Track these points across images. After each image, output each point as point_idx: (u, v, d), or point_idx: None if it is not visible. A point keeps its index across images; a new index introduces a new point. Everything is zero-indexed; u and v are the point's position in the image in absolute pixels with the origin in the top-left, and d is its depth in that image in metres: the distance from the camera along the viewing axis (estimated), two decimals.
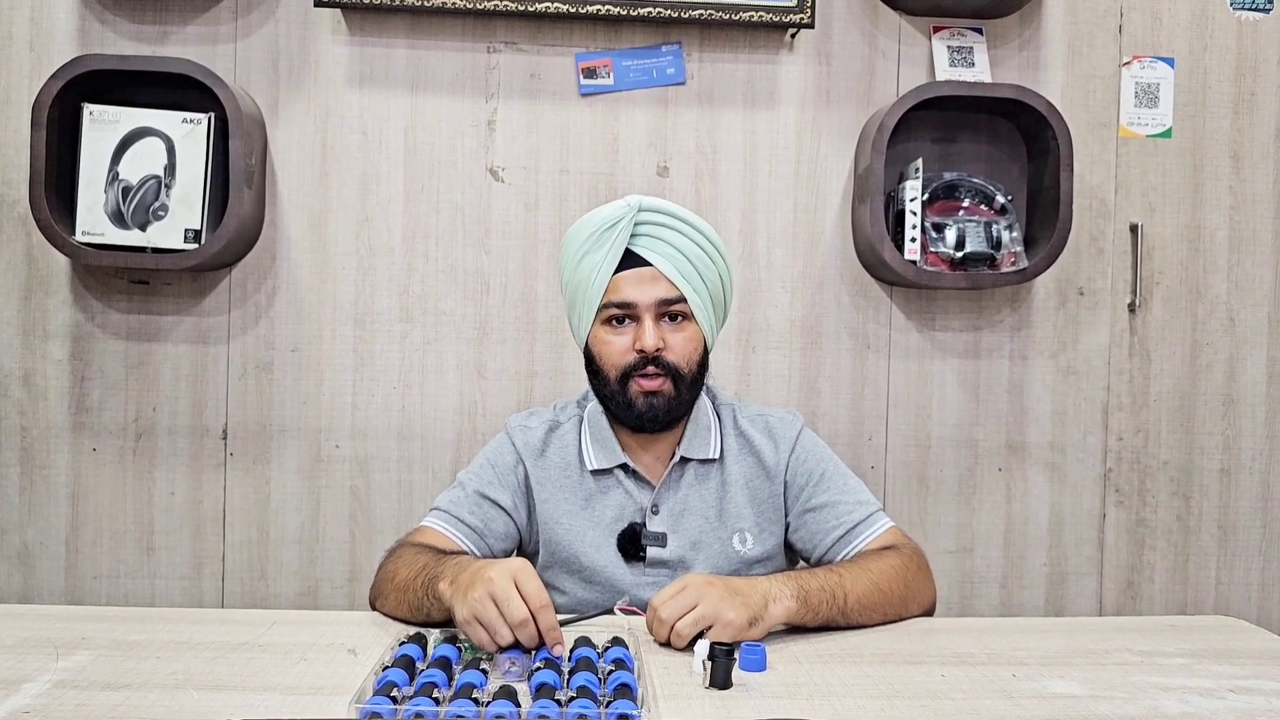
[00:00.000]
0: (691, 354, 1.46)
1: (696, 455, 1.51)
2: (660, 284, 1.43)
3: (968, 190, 2.13)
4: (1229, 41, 2.23)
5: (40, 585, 2.09)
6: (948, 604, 2.19)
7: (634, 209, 1.43)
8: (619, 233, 1.42)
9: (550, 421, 1.56)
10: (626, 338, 1.44)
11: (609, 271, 1.43)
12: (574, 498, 1.51)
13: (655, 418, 1.45)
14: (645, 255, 1.43)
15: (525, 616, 1.11)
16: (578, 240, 1.46)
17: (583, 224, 1.47)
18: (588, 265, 1.44)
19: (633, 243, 1.43)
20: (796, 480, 1.52)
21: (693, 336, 1.46)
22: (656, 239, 1.44)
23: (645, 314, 1.43)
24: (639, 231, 1.44)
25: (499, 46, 2.13)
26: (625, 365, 1.44)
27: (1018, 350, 2.22)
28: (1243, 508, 2.26)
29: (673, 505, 1.50)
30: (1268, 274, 2.24)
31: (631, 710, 0.97)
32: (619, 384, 1.45)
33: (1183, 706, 1.08)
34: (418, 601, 1.27)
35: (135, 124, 1.96)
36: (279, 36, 2.10)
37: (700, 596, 1.20)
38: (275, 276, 2.11)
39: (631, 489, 1.50)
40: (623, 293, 1.43)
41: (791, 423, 1.56)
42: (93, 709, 1.00)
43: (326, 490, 2.13)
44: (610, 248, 1.43)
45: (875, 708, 1.06)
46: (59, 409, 2.09)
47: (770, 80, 2.17)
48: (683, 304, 1.44)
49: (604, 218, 1.44)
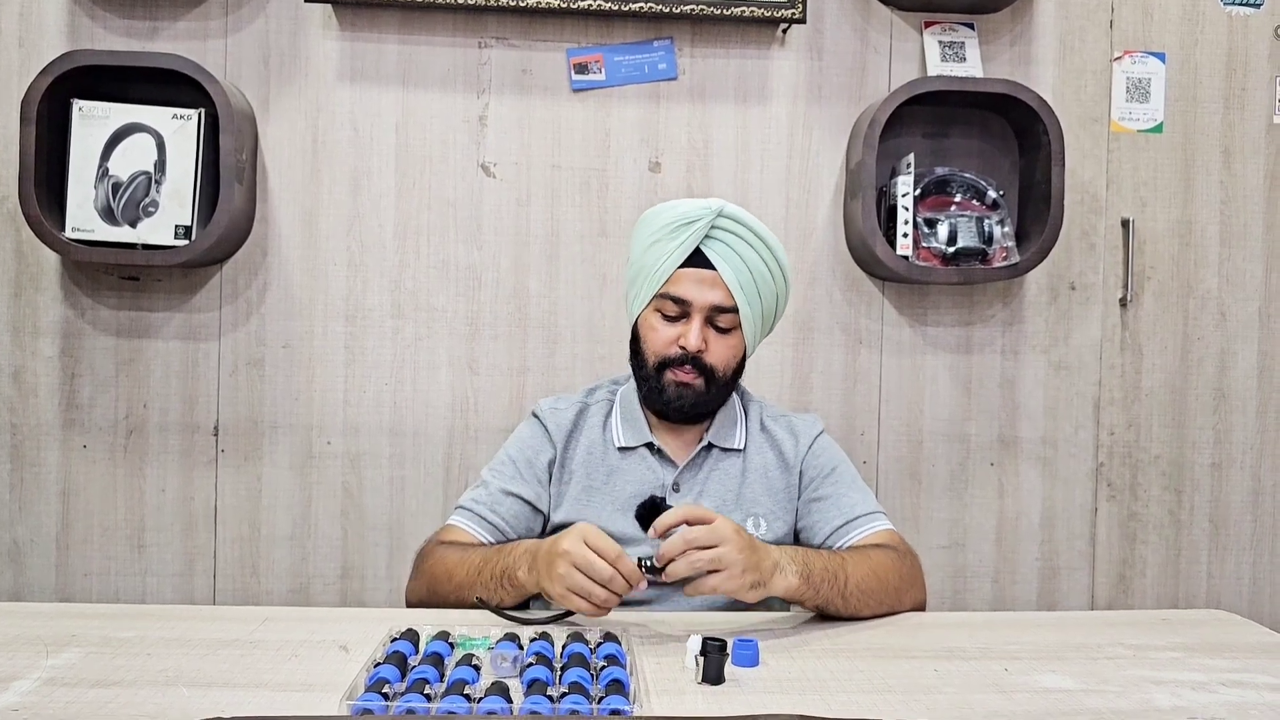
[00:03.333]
0: (730, 360, 1.52)
1: (722, 444, 1.58)
2: (719, 290, 1.48)
3: (959, 185, 2.13)
4: (1220, 36, 2.23)
5: (31, 583, 2.09)
6: (940, 599, 2.20)
7: (714, 213, 1.47)
8: (694, 231, 1.46)
9: (580, 404, 1.62)
10: (674, 331, 1.50)
11: (674, 264, 1.48)
12: (597, 474, 1.56)
13: (682, 408, 1.51)
14: (713, 259, 1.48)
15: (611, 572, 1.19)
16: (654, 225, 1.51)
17: (663, 210, 1.51)
18: (657, 252, 1.49)
19: (705, 244, 1.48)
20: (809, 472, 1.58)
21: (735, 345, 1.52)
22: (727, 246, 1.48)
23: (696, 314, 1.48)
24: (714, 235, 1.48)
25: (490, 42, 2.12)
26: (665, 355, 1.50)
27: (1009, 345, 2.22)
28: (1234, 502, 2.26)
29: (693, 485, 1.55)
30: (1258, 268, 2.25)
31: (623, 705, 0.97)
32: (655, 370, 1.51)
33: (1174, 700, 1.09)
34: (487, 595, 1.33)
35: (125, 120, 1.95)
36: (269, 32, 2.09)
37: (724, 541, 1.21)
38: (266, 272, 2.11)
39: (655, 466, 1.55)
40: (681, 288, 1.48)
41: (814, 423, 1.64)
42: (82, 706, 1.00)
43: (318, 487, 2.12)
44: (683, 242, 1.47)
45: (867, 702, 1.06)
46: (49, 406, 2.08)
47: (762, 75, 2.17)
48: (734, 314, 1.49)
49: (684, 212, 1.48)
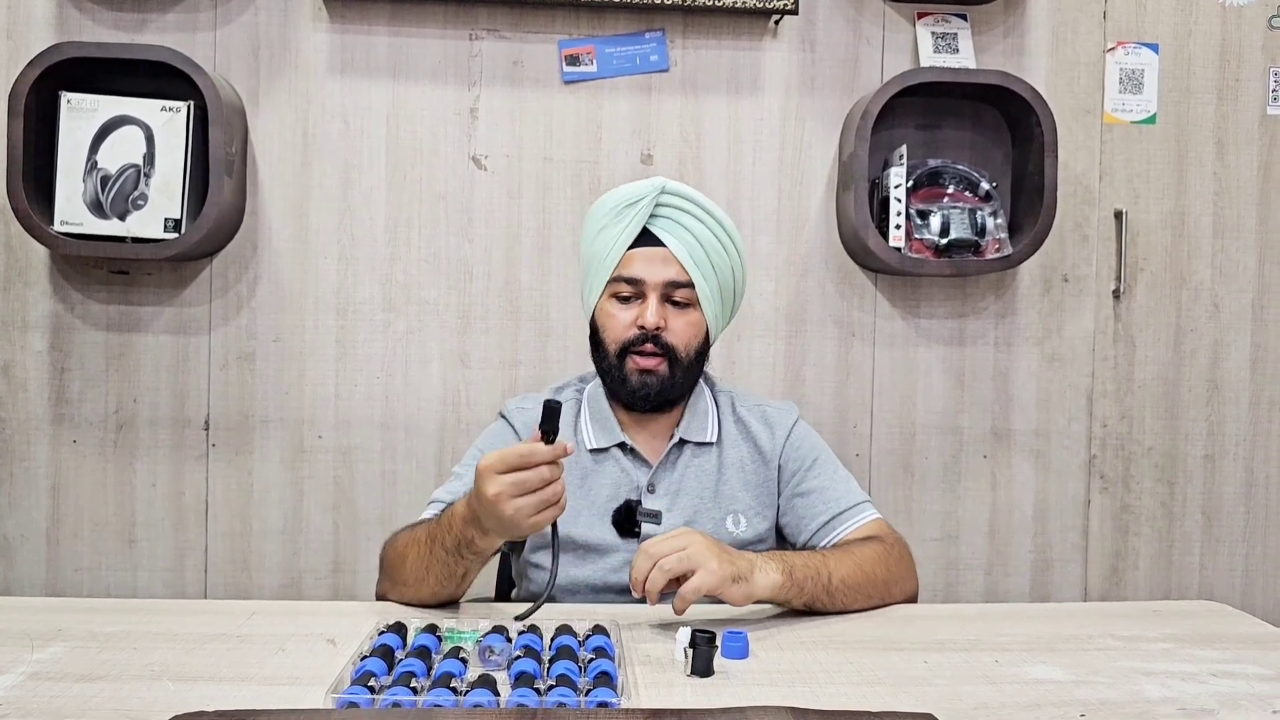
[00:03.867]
0: (691, 339, 1.49)
1: (694, 438, 1.54)
2: (671, 266, 1.46)
3: (952, 177, 2.12)
4: (1213, 27, 2.22)
5: (21, 578, 2.08)
6: (933, 591, 2.20)
7: (658, 189, 1.46)
8: (639, 210, 1.45)
9: None
10: (631, 313, 1.48)
11: (624, 246, 1.46)
12: (570, 477, 1.50)
13: (648, 396, 1.48)
14: (661, 236, 1.46)
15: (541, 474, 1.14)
16: (600, 212, 1.49)
17: (608, 197, 1.50)
18: (605, 238, 1.48)
19: (651, 223, 1.47)
20: (789, 465, 1.55)
21: (695, 322, 1.49)
22: (675, 222, 1.47)
23: (651, 293, 1.47)
24: (659, 213, 1.47)
25: (481, 34, 2.11)
26: (625, 340, 1.48)
27: (1002, 337, 2.21)
28: (1226, 493, 2.26)
29: (669, 485, 1.52)
30: (1251, 260, 2.25)
31: (611, 698, 0.96)
32: (617, 358, 1.49)
33: (1164, 691, 1.08)
34: (451, 569, 1.27)
35: (114, 112, 1.94)
36: (259, 24, 2.08)
37: (689, 543, 1.21)
38: (256, 266, 2.10)
39: (629, 467, 1.52)
40: (633, 269, 1.47)
41: (789, 412, 1.60)
42: (66, 700, 0.99)
43: (309, 481, 2.11)
44: (629, 224, 1.46)
45: (858, 694, 1.06)
46: (39, 401, 2.07)
47: (754, 67, 2.16)
48: (690, 289, 1.47)
49: (627, 194, 1.47)
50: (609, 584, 1.46)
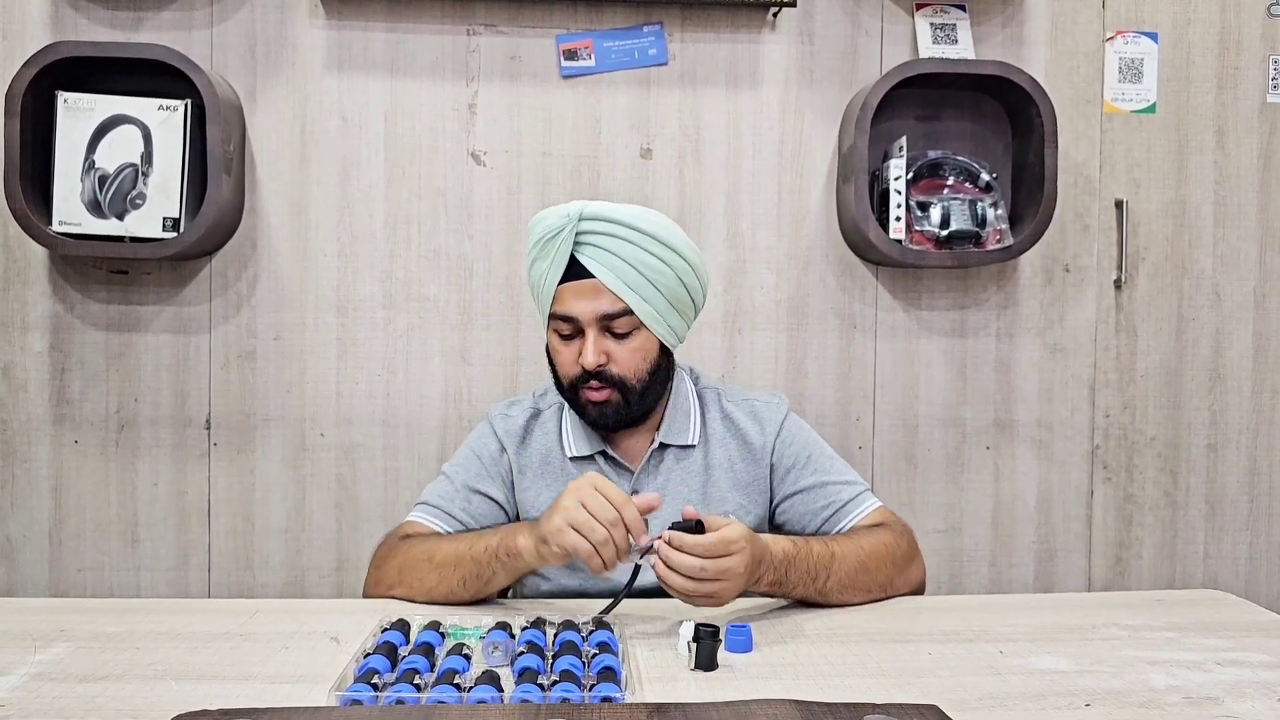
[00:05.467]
0: (640, 364, 1.43)
1: (675, 441, 1.51)
2: (603, 297, 1.39)
3: (952, 168, 2.11)
4: (1212, 16, 2.21)
5: (24, 579, 2.08)
6: (937, 583, 2.20)
7: (574, 219, 1.37)
8: (560, 244, 1.38)
9: (531, 409, 1.56)
10: (573, 349, 1.43)
11: (554, 282, 1.40)
12: (555, 484, 1.50)
13: (607, 425, 1.46)
14: (589, 265, 1.39)
15: (615, 514, 1.17)
16: (530, 242, 1.44)
17: (534, 224, 1.43)
18: (537, 271, 1.43)
19: (578, 250, 1.39)
20: (783, 463, 1.52)
21: (640, 346, 1.43)
22: (600, 249, 1.38)
23: (589, 328, 1.40)
24: (583, 240, 1.39)
25: (479, 29, 2.11)
26: (572, 376, 1.44)
27: (1004, 328, 2.21)
28: (1230, 482, 2.26)
29: (652, 490, 1.49)
30: (1253, 248, 2.24)
31: (615, 693, 0.96)
32: (570, 391, 1.46)
33: (1169, 680, 1.08)
34: (478, 571, 1.30)
35: (111, 111, 1.93)
36: (255, 21, 2.07)
37: (726, 590, 1.21)
38: (256, 264, 2.09)
39: (611, 475, 1.50)
40: (566, 305, 1.41)
41: (777, 406, 1.57)
42: (69, 701, 0.99)
43: (312, 479, 2.11)
44: (554, 259, 1.39)
45: (862, 686, 1.06)
46: (39, 401, 2.07)
47: (753, 60, 2.15)
48: (629, 316, 1.40)
49: (546, 226, 1.40)
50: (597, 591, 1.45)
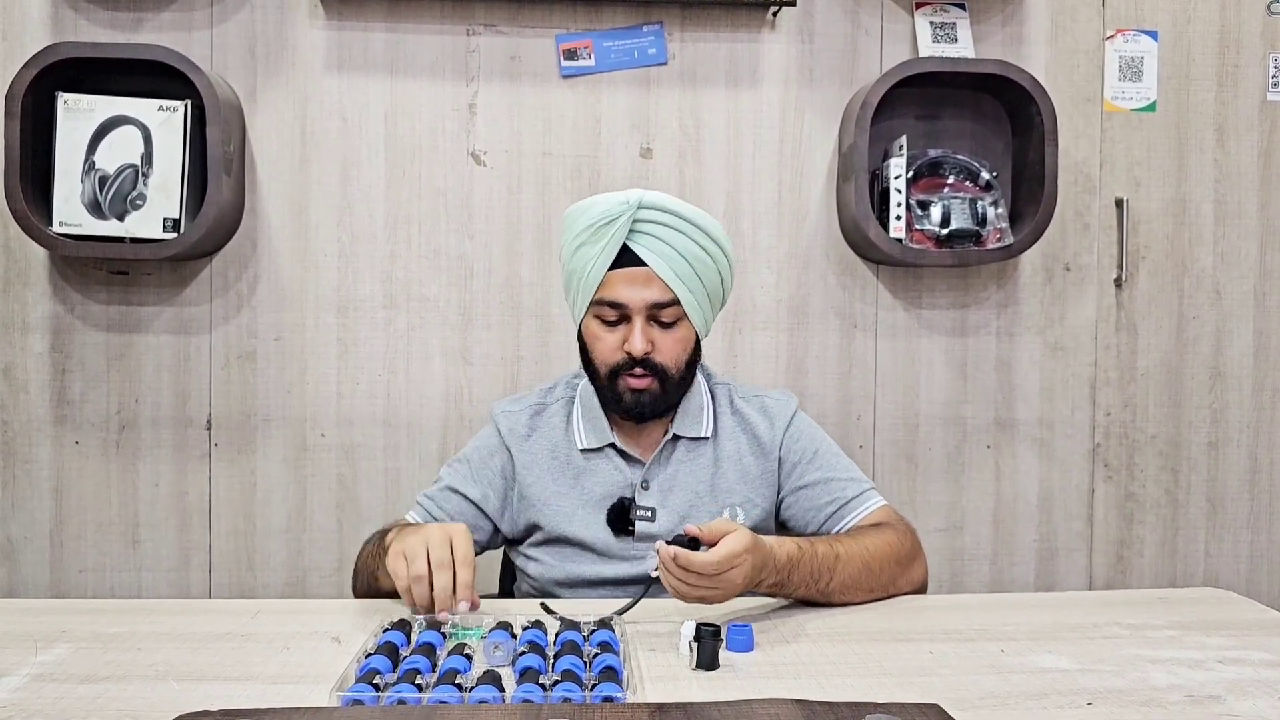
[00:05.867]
0: (681, 354, 1.45)
1: (688, 433, 1.52)
2: (654, 286, 1.40)
3: (952, 167, 2.11)
4: (1212, 14, 2.21)
5: (25, 580, 2.08)
6: (938, 582, 2.19)
7: (633, 206, 1.38)
8: (616, 230, 1.38)
9: (536, 405, 1.56)
10: (617, 335, 1.43)
11: (603, 268, 1.40)
12: (563, 476, 1.51)
13: (642, 414, 1.47)
14: (642, 254, 1.40)
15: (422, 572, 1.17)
16: (577, 227, 1.43)
17: (583, 210, 1.43)
18: (583, 256, 1.42)
19: (631, 239, 1.40)
20: (790, 457, 1.53)
21: (684, 337, 1.45)
22: (655, 238, 1.40)
23: (636, 316, 1.41)
24: (638, 229, 1.40)
25: (478, 29, 2.11)
26: (614, 363, 1.44)
27: (1005, 327, 2.21)
28: (1231, 480, 2.26)
29: (662, 481, 1.51)
30: (1253, 246, 2.24)
31: (616, 693, 0.96)
32: (608, 379, 1.45)
33: (1171, 678, 1.08)
34: (373, 568, 1.36)
35: (111, 112, 1.94)
36: (255, 22, 2.08)
37: (724, 596, 1.20)
38: (256, 265, 2.09)
39: (621, 465, 1.51)
40: (615, 292, 1.41)
41: (787, 402, 1.58)
42: (71, 702, 0.99)
43: (313, 479, 2.11)
44: (606, 244, 1.39)
45: (863, 685, 1.06)
46: (40, 402, 2.07)
47: (752, 59, 2.15)
48: (675, 307, 1.42)
49: (602, 211, 1.40)
50: (604, 579, 1.46)
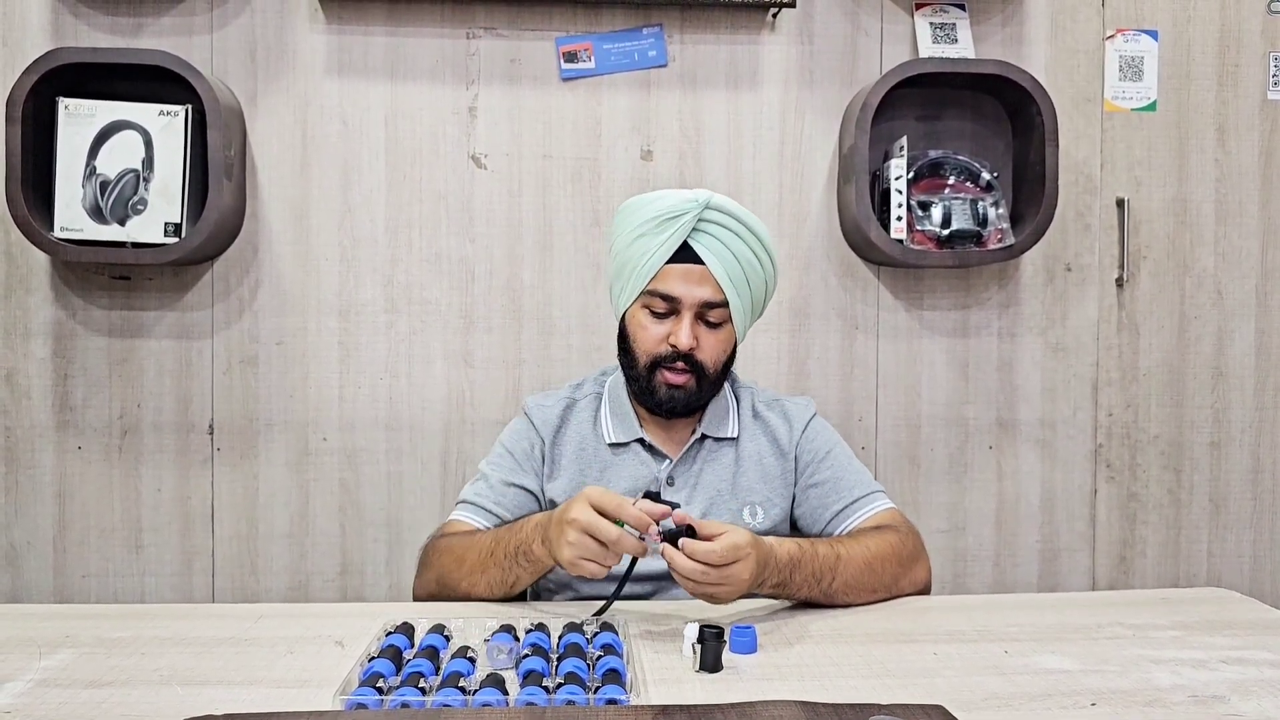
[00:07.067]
0: (721, 355, 1.50)
1: (716, 433, 1.56)
2: (708, 285, 1.44)
3: (953, 168, 2.11)
4: (1212, 13, 2.21)
5: (29, 585, 2.08)
6: (941, 583, 2.19)
7: (700, 205, 1.42)
8: (680, 226, 1.43)
9: (567, 399, 1.60)
10: (663, 328, 1.47)
11: (661, 260, 1.44)
12: (590, 470, 1.54)
13: (674, 409, 1.50)
14: (701, 254, 1.44)
15: (617, 533, 1.17)
16: (638, 218, 1.46)
17: (647, 202, 1.47)
18: (641, 246, 1.45)
19: (692, 237, 1.44)
20: (804, 457, 1.57)
21: (726, 339, 1.50)
22: (716, 240, 1.44)
23: (686, 311, 1.45)
24: (701, 228, 1.44)
25: (478, 32, 2.11)
26: (656, 354, 1.47)
27: (1006, 328, 2.21)
28: (1233, 480, 2.26)
29: (687, 478, 1.54)
30: (1254, 246, 2.24)
31: (620, 695, 0.96)
32: (646, 370, 1.48)
33: (1174, 678, 1.08)
34: (502, 575, 1.32)
35: (111, 117, 1.94)
36: (255, 26, 2.08)
37: (728, 594, 1.21)
38: (258, 269, 2.10)
39: (648, 460, 1.54)
40: (669, 285, 1.45)
41: (806, 407, 1.62)
42: (75, 707, 0.99)
43: (315, 484, 2.11)
44: (668, 238, 1.43)
45: (867, 687, 1.06)
46: (42, 408, 2.07)
47: (752, 61, 2.15)
48: (724, 308, 1.46)
49: (670, 206, 1.43)
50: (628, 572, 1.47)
